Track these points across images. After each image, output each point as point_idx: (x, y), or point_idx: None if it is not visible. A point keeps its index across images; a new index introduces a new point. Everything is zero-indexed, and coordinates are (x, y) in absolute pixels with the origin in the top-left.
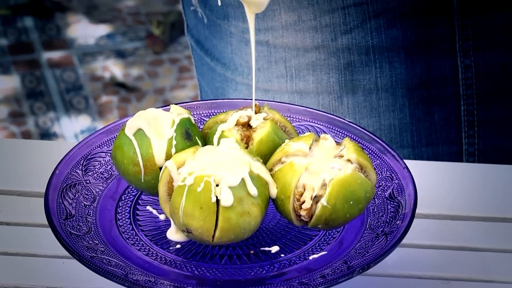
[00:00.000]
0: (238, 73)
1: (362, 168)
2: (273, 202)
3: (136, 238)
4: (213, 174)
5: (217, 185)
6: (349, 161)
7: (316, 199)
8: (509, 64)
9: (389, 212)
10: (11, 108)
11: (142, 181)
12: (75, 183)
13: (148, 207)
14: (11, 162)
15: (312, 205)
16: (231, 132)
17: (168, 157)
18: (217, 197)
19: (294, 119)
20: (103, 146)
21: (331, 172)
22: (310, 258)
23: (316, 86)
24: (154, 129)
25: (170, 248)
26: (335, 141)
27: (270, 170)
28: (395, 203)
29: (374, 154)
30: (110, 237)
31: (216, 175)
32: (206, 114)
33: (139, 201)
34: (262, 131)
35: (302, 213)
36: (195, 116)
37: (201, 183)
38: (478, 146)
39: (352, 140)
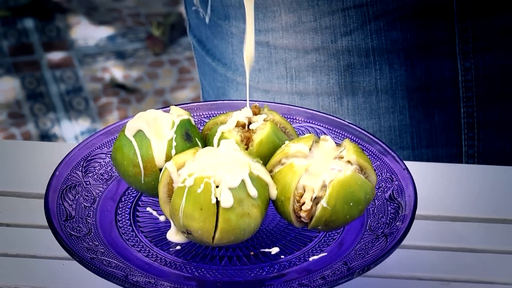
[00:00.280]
0: (239, 73)
1: (362, 169)
2: (273, 204)
3: (136, 239)
4: (213, 176)
5: (217, 186)
6: (349, 162)
7: (316, 201)
8: (509, 66)
9: (389, 213)
10: (11, 109)
11: (142, 182)
12: (75, 185)
13: (148, 209)
14: (11, 164)
15: (312, 206)
16: (231, 133)
17: (168, 158)
18: (217, 198)
19: (294, 120)
20: (103, 147)
21: (331, 173)
22: (310, 259)
23: (316, 87)
24: (154, 130)
25: (170, 249)
26: (335, 142)
27: (270, 172)
28: (395, 205)
29: (374, 156)
30: (110, 238)
31: (216, 177)
32: (206, 116)
33: (139, 202)
34: (262, 133)
35: (302, 214)
36: (195, 117)
37: (201, 185)
38: (478, 148)
39: (352, 141)
